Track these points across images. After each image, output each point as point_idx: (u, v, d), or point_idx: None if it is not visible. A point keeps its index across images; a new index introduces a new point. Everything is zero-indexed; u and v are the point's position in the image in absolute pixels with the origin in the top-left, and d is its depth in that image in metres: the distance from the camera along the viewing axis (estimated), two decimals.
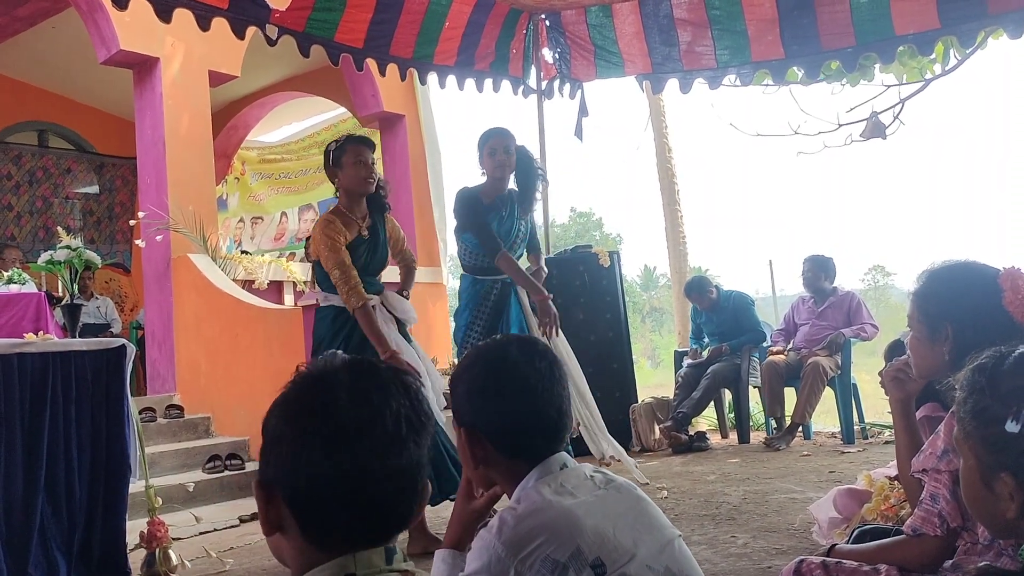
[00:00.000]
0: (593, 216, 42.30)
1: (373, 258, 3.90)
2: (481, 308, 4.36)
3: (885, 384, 2.06)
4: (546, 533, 1.37)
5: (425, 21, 5.66)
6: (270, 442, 1.08)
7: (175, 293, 7.04)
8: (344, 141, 3.86)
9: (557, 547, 1.35)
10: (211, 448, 5.80)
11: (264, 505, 1.07)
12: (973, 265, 1.86)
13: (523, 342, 1.57)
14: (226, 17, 4.64)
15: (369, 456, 1.02)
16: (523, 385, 1.50)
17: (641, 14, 6.12)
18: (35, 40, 8.30)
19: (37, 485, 3.34)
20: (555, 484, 1.45)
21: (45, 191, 9.96)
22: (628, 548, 1.40)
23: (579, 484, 1.48)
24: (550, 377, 1.52)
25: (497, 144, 4.31)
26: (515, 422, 1.50)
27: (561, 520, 1.39)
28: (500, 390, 1.51)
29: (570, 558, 1.35)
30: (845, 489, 3.39)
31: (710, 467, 5.36)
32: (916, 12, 5.23)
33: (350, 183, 3.83)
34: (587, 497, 1.45)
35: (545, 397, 1.51)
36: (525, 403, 1.50)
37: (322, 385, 1.07)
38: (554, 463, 1.50)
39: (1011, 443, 1.20)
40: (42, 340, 3.53)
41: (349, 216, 3.84)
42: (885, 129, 6.46)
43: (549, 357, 1.55)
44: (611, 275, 6.46)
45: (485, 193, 4.38)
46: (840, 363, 6.20)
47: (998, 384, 1.24)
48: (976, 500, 1.30)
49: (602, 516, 1.42)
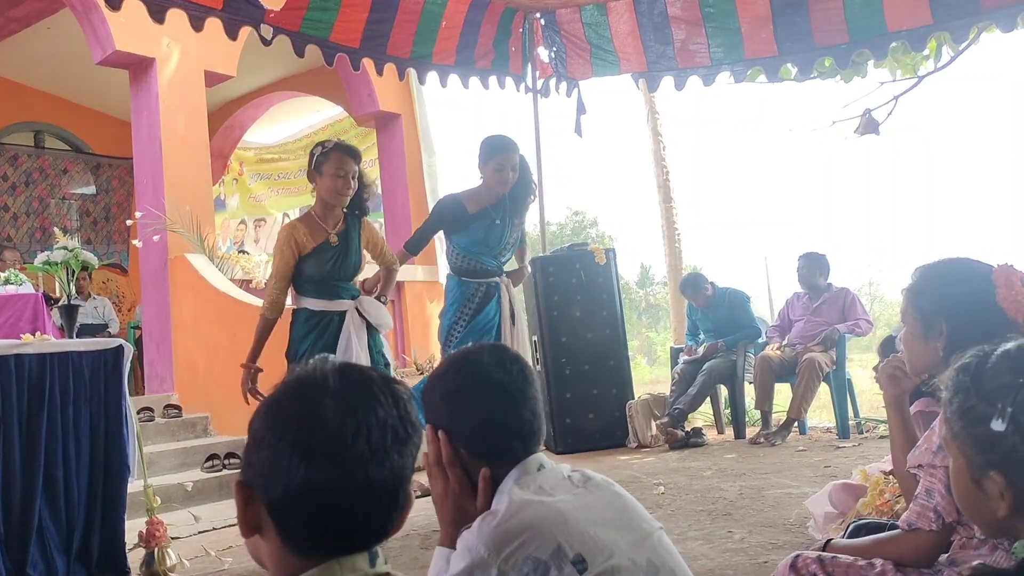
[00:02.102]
0: (589, 214, 42.20)
1: (343, 263, 3.95)
2: (465, 308, 4.40)
3: (880, 380, 2.07)
4: (527, 532, 1.38)
5: (421, 21, 5.66)
6: (253, 444, 1.07)
7: (172, 293, 7.04)
8: (330, 148, 3.87)
9: (538, 546, 1.37)
10: (209, 447, 5.80)
11: (243, 506, 1.07)
12: (967, 261, 1.87)
13: (494, 349, 1.61)
14: (220, 17, 4.64)
15: (350, 466, 1.01)
16: (497, 388, 1.53)
17: (636, 12, 6.13)
18: (31, 41, 8.28)
19: (35, 485, 3.35)
20: (533, 485, 1.48)
21: (42, 192, 9.94)
22: (608, 544, 1.41)
23: (557, 484, 1.50)
24: (523, 380, 1.56)
25: (506, 161, 4.32)
26: (491, 425, 1.53)
27: (541, 519, 1.41)
28: (474, 393, 1.54)
29: (551, 556, 1.36)
30: (840, 484, 3.40)
31: (706, 463, 5.37)
32: (909, 8, 5.25)
33: (325, 193, 3.87)
34: (566, 496, 1.47)
35: (519, 400, 1.54)
36: (500, 406, 1.53)
37: (309, 390, 1.06)
38: (531, 464, 1.52)
39: (998, 441, 1.19)
40: (40, 341, 3.53)
41: (318, 223, 3.89)
42: (879, 125, 6.48)
43: (520, 362, 1.58)
44: (607, 272, 6.47)
45: (474, 200, 4.39)
46: (835, 359, 6.22)
47: (982, 383, 1.24)
48: (967, 499, 1.30)
49: (582, 514, 1.44)
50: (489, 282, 4.42)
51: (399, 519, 1.10)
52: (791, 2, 5.54)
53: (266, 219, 11.78)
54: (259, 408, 1.08)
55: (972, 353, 1.28)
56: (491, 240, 4.39)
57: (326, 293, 3.91)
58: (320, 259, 3.84)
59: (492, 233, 4.39)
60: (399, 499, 1.08)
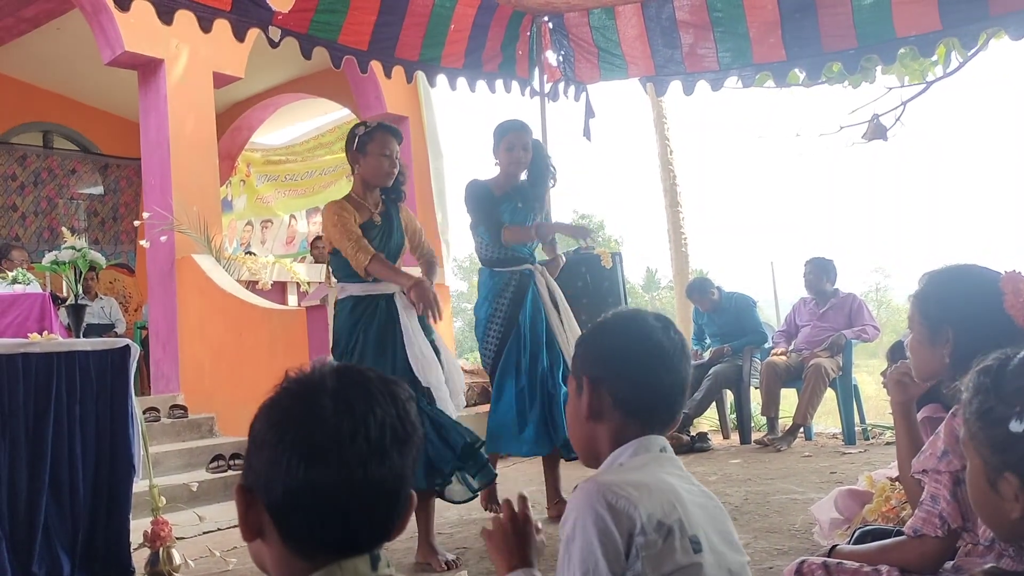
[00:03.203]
0: (595, 217, 42.20)
1: (388, 243, 3.78)
2: (500, 300, 4.31)
3: (888, 386, 2.07)
4: (653, 492, 1.36)
5: (430, 23, 5.65)
6: (253, 446, 1.08)
7: (179, 294, 7.06)
8: (374, 128, 3.75)
9: (663, 510, 1.34)
10: (215, 448, 5.81)
11: (244, 510, 1.07)
12: (974, 268, 1.86)
13: (659, 315, 1.59)
14: (228, 19, 4.64)
15: (350, 466, 1.01)
16: (658, 348, 1.51)
17: (644, 16, 6.13)
18: (40, 41, 8.32)
19: (41, 484, 3.36)
20: (654, 463, 1.46)
21: (50, 192, 9.98)
22: (714, 546, 1.40)
23: (674, 470, 1.48)
24: (681, 349, 1.54)
25: (515, 140, 4.28)
26: (644, 381, 1.50)
27: (666, 488, 1.39)
28: (637, 348, 1.51)
29: (675, 523, 1.34)
30: (846, 490, 3.40)
31: (712, 468, 5.36)
32: (918, 14, 5.23)
33: (370, 173, 3.73)
34: (684, 484, 1.45)
35: (674, 365, 1.52)
36: (657, 365, 1.51)
37: (308, 391, 1.06)
38: (654, 443, 1.50)
39: (1016, 443, 1.20)
40: (47, 340, 3.54)
41: (360, 202, 3.76)
42: (887, 131, 6.47)
43: (681, 335, 1.57)
44: (613, 276, 6.46)
45: (497, 185, 4.37)
46: (841, 364, 6.21)
47: (1002, 385, 1.24)
48: (982, 502, 1.30)
49: (696, 508, 1.42)
50: (522, 270, 4.34)
51: (401, 520, 1.10)
52: (800, 7, 5.53)
53: (273, 220, 11.78)
54: (259, 410, 1.09)
55: (994, 356, 1.28)
56: (516, 223, 4.32)
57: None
58: (367, 237, 3.67)
59: (516, 217, 4.33)
60: (400, 498, 1.08)
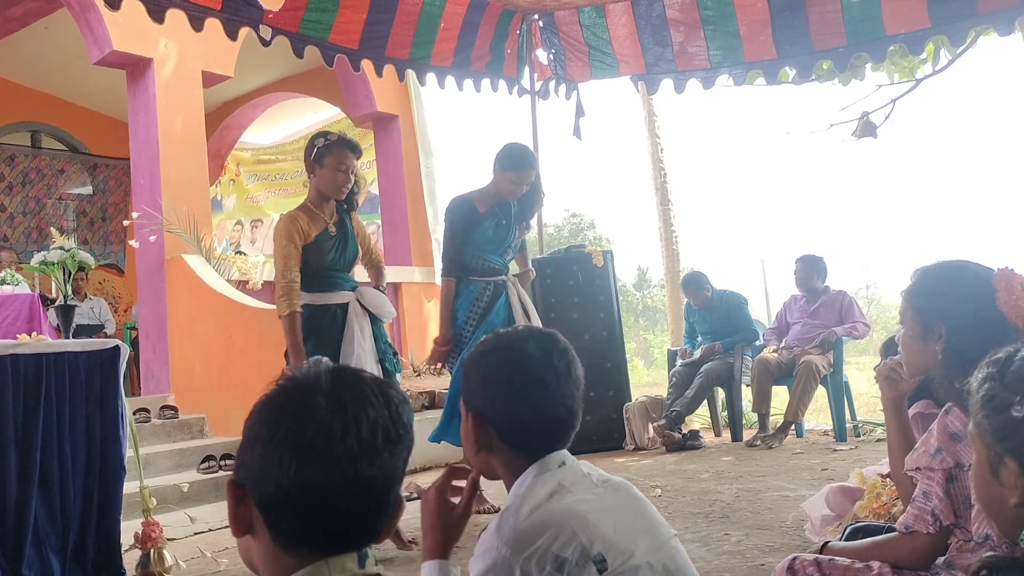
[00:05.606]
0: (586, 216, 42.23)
1: (344, 253, 3.88)
2: (473, 308, 4.39)
3: (878, 382, 2.07)
4: (549, 530, 1.37)
5: (420, 22, 5.65)
6: (247, 442, 1.08)
7: (169, 294, 7.03)
8: (334, 142, 3.81)
9: (561, 543, 1.36)
10: (205, 448, 5.78)
11: (235, 505, 1.08)
12: (967, 264, 1.86)
13: (543, 337, 1.55)
14: (219, 18, 4.64)
15: (340, 463, 1.02)
16: (539, 382, 1.49)
17: (634, 15, 6.13)
18: (28, 40, 8.28)
19: (31, 486, 3.34)
20: (554, 482, 1.46)
21: (38, 192, 9.94)
22: (627, 546, 1.40)
23: (577, 481, 1.48)
24: (566, 375, 1.52)
25: (523, 178, 4.37)
26: (525, 417, 1.49)
27: (564, 516, 1.39)
28: (515, 384, 1.50)
29: (574, 553, 1.35)
30: (837, 487, 3.41)
31: (703, 465, 5.37)
32: (907, 12, 5.26)
33: (324, 186, 3.81)
34: (586, 495, 1.46)
35: (558, 396, 1.50)
36: (539, 400, 1.49)
37: (302, 390, 1.07)
38: (552, 461, 1.50)
39: (1017, 429, 1.20)
40: (36, 341, 3.52)
41: (315, 212, 3.83)
42: (876, 129, 6.48)
43: (568, 356, 1.54)
44: (605, 275, 6.48)
45: (483, 199, 4.42)
46: (832, 361, 6.23)
47: (1007, 372, 1.25)
48: (985, 493, 1.30)
49: (602, 513, 1.42)
50: (496, 280, 4.43)
51: (390, 521, 1.11)
52: (790, 5, 5.55)
53: (263, 220, 11.77)
54: (254, 407, 1.09)
55: (1005, 348, 1.29)
56: (498, 238, 4.43)
57: (326, 285, 3.82)
58: (321, 248, 3.77)
59: (499, 233, 4.43)
60: (390, 499, 1.09)
